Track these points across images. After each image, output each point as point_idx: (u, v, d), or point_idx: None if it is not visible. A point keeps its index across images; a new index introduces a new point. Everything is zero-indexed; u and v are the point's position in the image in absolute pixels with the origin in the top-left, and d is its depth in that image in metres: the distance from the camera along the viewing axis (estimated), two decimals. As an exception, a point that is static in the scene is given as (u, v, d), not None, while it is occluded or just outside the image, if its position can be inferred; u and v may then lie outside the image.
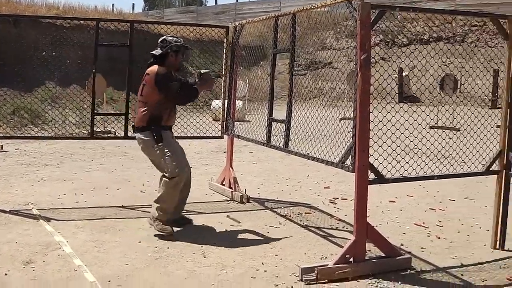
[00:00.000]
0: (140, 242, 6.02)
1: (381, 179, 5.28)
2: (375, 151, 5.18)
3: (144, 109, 6.23)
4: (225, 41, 8.38)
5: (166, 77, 6.20)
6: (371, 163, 5.11)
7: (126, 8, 76.07)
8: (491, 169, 5.98)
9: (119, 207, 7.56)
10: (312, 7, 6.11)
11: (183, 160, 6.44)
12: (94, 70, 7.63)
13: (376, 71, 5.98)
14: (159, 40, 6.38)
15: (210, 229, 6.63)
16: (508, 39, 5.91)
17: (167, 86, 6.18)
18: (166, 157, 6.20)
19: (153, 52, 6.34)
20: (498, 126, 6.05)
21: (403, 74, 25.55)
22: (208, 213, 7.36)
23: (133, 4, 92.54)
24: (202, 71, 6.61)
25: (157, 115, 6.21)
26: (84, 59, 17.26)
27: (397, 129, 5.49)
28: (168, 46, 6.27)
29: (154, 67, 6.24)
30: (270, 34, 7.07)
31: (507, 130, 5.93)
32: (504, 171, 5.96)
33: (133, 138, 8.12)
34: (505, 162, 5.94)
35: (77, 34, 18.05)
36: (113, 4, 53.93)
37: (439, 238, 6.43)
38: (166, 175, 6.25)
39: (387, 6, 5.32)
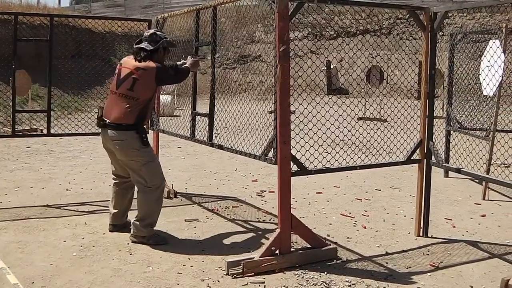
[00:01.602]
0: (65, 241, 5.90)
1: (303, 170, 5.31)
2: (297, 143, 5.21)
3: (131, 105, 5.72)
4: (148, 35, 8.27)
5: (166, 69, 5.96)
6: (293, 155, 5.14)
7: (52, 2, 74.26)
8: (412, 158, 6.11)
9: (44, 206, 7.37)
10: (233, 0, 6.11)
11: (161, 170, 6.07)
12: (13, 66, 7.43)
13: (304, 62, 6.02)
14: (148, 34, 5.96)
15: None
16: (425, 30, 6.04)
17: (168, 77, 6.03)
18: (149, 164, 5.82)
19: (143, 47, 5.86)
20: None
21: (331, 66, 25.87)
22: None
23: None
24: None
25: (145, 113, 5.81)
26: (8, 55, 16.85)
27: (326, 121, 5.50)
28: (160, 41, 5.90)
29: (150, 63, 5.77)
30: (200, 27, 7.03)
31: (426, 120, 6.08)
32: (425, 160, 6.10)
33: (55, 135, 8.02)
34: (425, 151, 6.08)
35: (1, 29, 17.60)
36: (38, -2, 52.48)
37: (364, 227, 6.53)
38: (146, 184, 5.83)
39: (304, -2, 5.34)
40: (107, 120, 5.83)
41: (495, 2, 5.71)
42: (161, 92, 13.94)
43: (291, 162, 5.13)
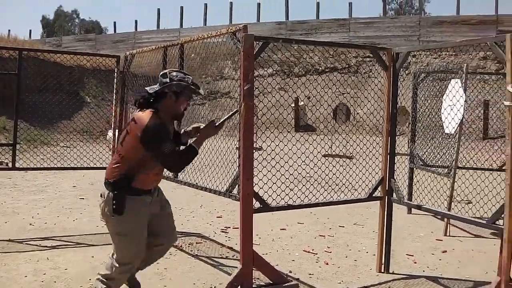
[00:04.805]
0: (26, 276, 5.84)
1: (265, 207, 5.37)
2: (260, 179, 5.26)
3: (118, 162, 4.55)
4: (115, 71, 8.36)
5: (158, 133, 4.41)
6: (256, 191, 5.19)
7: (22, 34, 74.25)
8: (374, 195, 6.20)
9: (6, 240, 7.29)
10: (199, 38, 6.21)
11: (141, 248, 4.74)
12: (-21, 100, 7.44)
13: (277, 100, 6.13)
14: (160, 74, 4.69)
15: (100, 261, 6.49)
16: (388, 70, 6.19)
17: (157, 147, 4.40)
18: (120, 237, 4.63)
19: (147, 88, 4.67)
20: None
21: (299, 103, 26.09)
22: (99, 245, 7.21)
23: (30, 31, 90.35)
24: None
25: (132, 174, 4.50)
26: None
27: (297, 158, 5.57)
28: (167, 84, 4.57)
29: (145, 115, 4.47)
30: (168, 64, 7.08)
31: (388, 157, 6.19)
32: (386, 197, 6.19)
33: (20, 169, 8.01)
34: (387, 189, 6.18)
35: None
36: (9, 30, 52.45)
37: (327, 264, 6.58)
38: (115, 260, 4.73)
39: (271, 38, 5.46)
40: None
41: (457, 44, 5.91)
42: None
43: (254, 199, 5.18)
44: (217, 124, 4.81)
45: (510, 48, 4.66)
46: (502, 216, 4.76)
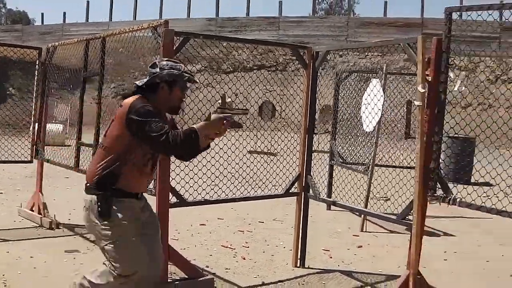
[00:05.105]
0: None
1: (182, 202, 5.40)
2: (177, 174, 5.29)
3: (101, 157, 3.98)
4: (37, 63, 8.22)
5: (146, 110, 3.81)
6: (173, 186, 5.22)
7: None
8: (291, 191, 6.31)
9: None
10: (121, 32, 6.19)
11: (144, 253, 4.02)
12: None
13: (204, 96, 6.17)
14: (149, 65, 4.17)
15: (15, 256, 6.38)
16: (307, 68, 6.31)
17: (144, 122, 3.74)
18: (113, 244, 3.92)
19: (136, 82, 4.16)
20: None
21: (226, 100, 26.15)
22: (15, 240, 7.07)
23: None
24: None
25: (118, 169, 3.92)
26: None
27: (215, 153, 5.60)
28: (157, 74, 4.04)
29: (131, 97, 3.97)
30: (94, 57, 6.97)
31: (305, 154, 6.31)
32: (303, 193, 6.32)
33: None
34: (303, 185, 6.30)
35: None
36: None
37: (244, 258, 6.66)
38: (113, 272, 3.95)
39: (191, 33, 5.49)
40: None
41: (372, 44, 6.11)
42: (52, 120, 13.70)
43: (170, 194, 5.21)
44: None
45: (422, 49, 4.83)
46: (412, 211, 4.93)
